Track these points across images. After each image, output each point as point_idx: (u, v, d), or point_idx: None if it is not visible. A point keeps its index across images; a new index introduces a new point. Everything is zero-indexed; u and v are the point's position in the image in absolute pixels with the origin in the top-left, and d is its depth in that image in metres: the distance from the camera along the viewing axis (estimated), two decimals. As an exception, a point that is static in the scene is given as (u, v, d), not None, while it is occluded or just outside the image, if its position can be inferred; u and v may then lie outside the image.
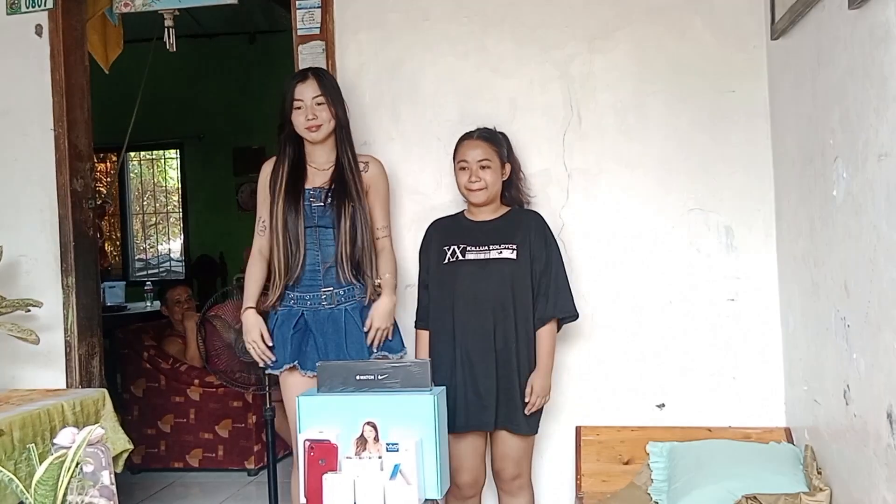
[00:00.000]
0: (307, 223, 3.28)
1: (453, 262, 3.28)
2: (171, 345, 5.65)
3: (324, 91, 3.28)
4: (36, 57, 4.02)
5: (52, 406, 3.12)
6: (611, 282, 3.62)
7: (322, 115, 3.27)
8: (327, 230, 3.28)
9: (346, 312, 3.27)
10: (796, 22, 2.98)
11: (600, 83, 3.64)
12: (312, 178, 3.34)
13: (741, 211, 3.54)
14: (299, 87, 3.29)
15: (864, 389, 2.43)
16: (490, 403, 3.19)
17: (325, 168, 3.35)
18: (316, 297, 3.28)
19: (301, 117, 3.28)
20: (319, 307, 3.28)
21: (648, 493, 3.26)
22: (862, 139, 2.34)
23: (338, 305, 3.27)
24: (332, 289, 3.26)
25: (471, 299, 3.22)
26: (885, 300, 2.21)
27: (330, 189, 3.29)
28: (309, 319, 3.28)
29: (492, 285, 3.22)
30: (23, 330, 3.59)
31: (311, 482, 2.74)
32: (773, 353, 3.49)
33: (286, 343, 3.28)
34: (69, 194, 3.99)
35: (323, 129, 3.29)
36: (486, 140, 3.32)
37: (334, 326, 3.27)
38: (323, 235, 3.28)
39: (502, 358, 3.20)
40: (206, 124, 9.16)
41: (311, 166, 3.36)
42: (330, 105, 3.28)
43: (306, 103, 3.27)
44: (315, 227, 3.28)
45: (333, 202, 3.27)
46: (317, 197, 3.30)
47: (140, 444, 5.41)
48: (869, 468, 2.40)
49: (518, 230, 3.29)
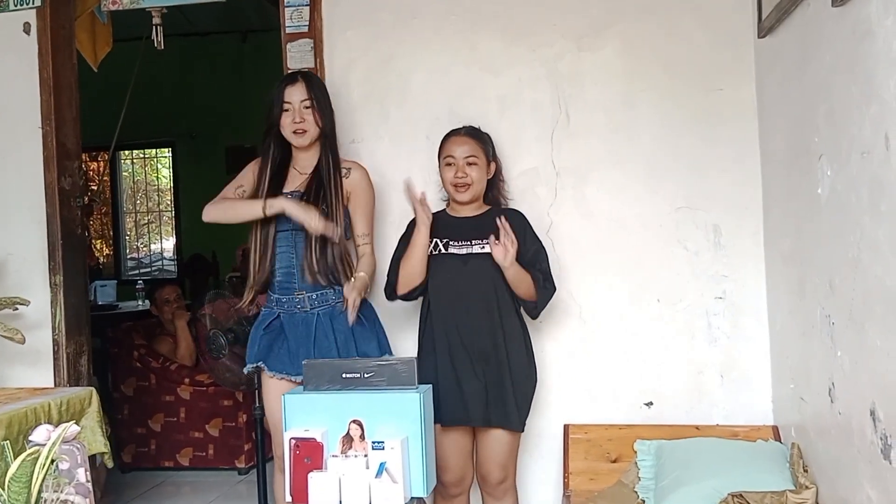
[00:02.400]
0: (280, 227, 3.28)
1: (435, 255, 3.28)
2: (161, 344, 5.63)
3: (312, 95, 3.28)
4: (24, 55, 4.00)
5: (38, 404, 3.10)
6: (599, 280, 3.62)
7: (309, 119, 3.28)
8: (299, 234, 3.27)
9: (318, 317, 3.28)
10: (783, 20, 2.98)
11: (589, 81, 3.64)
12: (292, 181, 3.35)
13: (729, 209, 3.54)
14: (288, 89, 3.29)
15: (849, 387, 2.43)
16: (474, 398, 3.18)
17: (306, 172, 3.35)
18: (291, 299, 3.29)
19: (288, 119, 3.28)
20: (294, 310, 3.29)
21: (636, 492, 3.26)
22: (846, 136, 2.34)
23: (312, 309, 3.27)
24: (305, 293, 3.27)
25: (452, 293, 3.22)
26: (869, 298, 2.21)
27: (306, 192, 3.29)
28: (285, 322, 3.30)
29: (473, 280, 3.22)
30: (9, 329, 3.58)
31: (296, 480, 2.74)
32: (760, 352, 3.49)
33: (254, 343, 3.32)
34: (57, 192, 3.98)
35: (309, 135, 3.29)
36: (474, 137, 3.32)
37: (306, 330, 3.27)
38: (298, 238, 3.28)
39: (487, 352, 3.20)
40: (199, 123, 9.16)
41: (294, 169, 3.37)
42: (316, 111, 3.28)
43: (294, 106, 3.27)
44: (290, 230, 3.27)
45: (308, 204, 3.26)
46: (292, 199, 3.29)
47: (130, 442, 5.42)
48: (854, 465, 2.40)
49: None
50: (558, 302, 3.53)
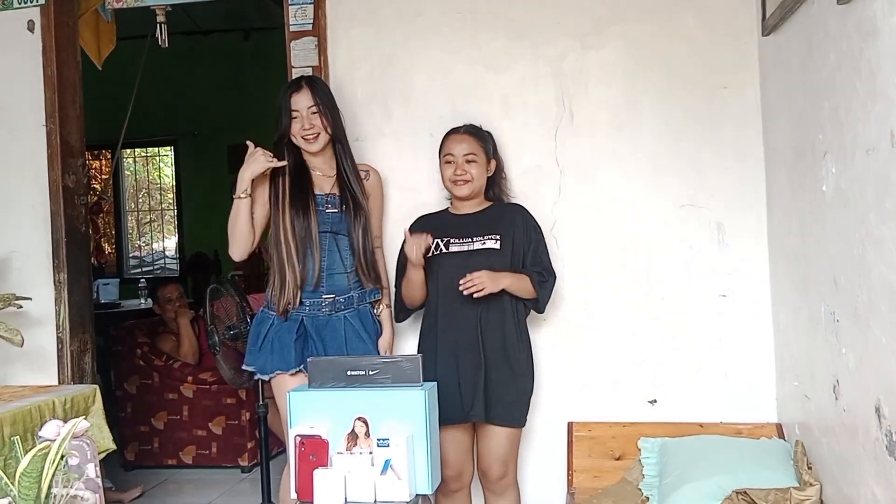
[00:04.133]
0: (322, 228, 3.26)
1: (437, 255, 3.29)
2: (164, 342, 5.64)
3: (318, 101, 3.28)
4: (28, 53, 4.01)
5: (42, 402, 3.11)
6: (602, 278, 3.63)
7: (318, 124, 3.28)
8: (341, 237, 3.28)
9: (345, 320, 3.28)
10: (787, 18, 2.98)
11: (592, 80, 3.64)
12: (320, 183, 3.34)
13: (732, 207, 3.54)
14: (294, 97, 3.29)
15: (854, 384, 2.43)
16: (475, 396, 3.19)
17: (329, 175, 3.35)
18: (317, 303, 3.27)
19: (297, 126, 3.28)
20: (318, 313, 3.27)
21: (640, 489, 3.27)
22: (850, 134, 2.34)
23: (336, 312, 3.27)
24: (333, 296, 3.26)
25: (453, 291, 3.22)
26: (873, 295, 2.21)
27: (342, 196, 3.30)
28: (308, 325, 3.28)
29: None
30: (9, 330, 3.57)
31: (301, 477, 2.75)
32: (764, 349, 3.50)
33: (289, 349, 3.26)
34: (61, 190, 3.98)
35: (321, 139, 3.29)
36: (473, 135, 3.35)
37: (333, 333, 3.27)
38: (335, 242, 3.28)
39: (489, 349, 3.21)
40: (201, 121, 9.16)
41: (316, 173, 3.35)
42: (323, 115, 3.28)
43: (302, 113, 3.28)
44: (329, 233, 3.27)
45: (350, 210, 3.28)
46: (332, 203, 3.30)
47: (133, 441, 5.43)
48: (858, 463, 2.40)
49: (501, 221, 3.31)
50: (562, 299, 3.54)
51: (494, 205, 3.40)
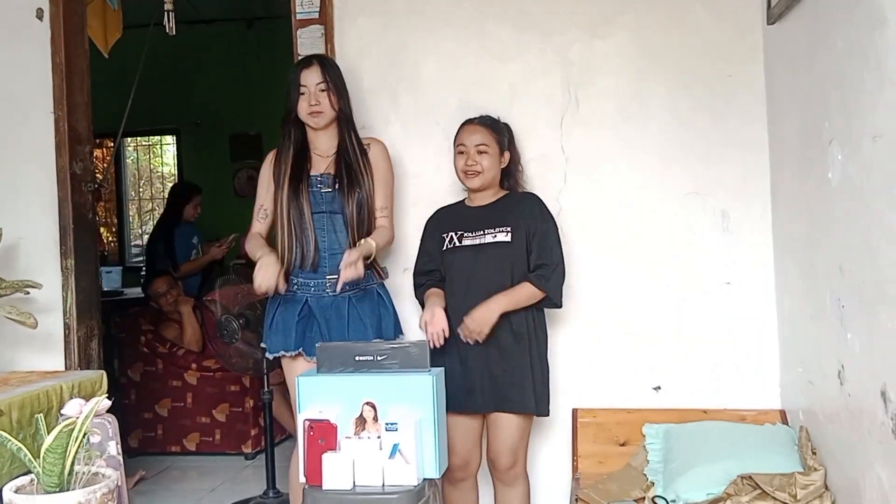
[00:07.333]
0: (315, 209, 3.29)
1: (451, 248, 3.30)
2: (168, 329, 5.66)
3: (327, 78, 3.30)
4: (37, 41, 4.01)
5: (50, 387, 3.13)
6: (608, 265, 3.65)
7: (324, 102, 3.29)
8: (336, 216, 3.29)
9: (350, 301, 3.29)
10: (792, 7, 3.00)
11: (600, 69, 3.66)
12: (317, 164, 3.35)
13: (738, 195, 3.56)
14: (304, 73, 3.31)
15: (859, 369, 2.46)
16: (484, 387, 3.19)
17: (328, 155, 3.36)
18: (320, 283, 3.29)
19: (304, 103, 3.30)
20: (323, 294, 3.29)
21: (644, 474, 3.28)
22: (857, 121, 2.36)
23: (341, 293, 3.27)
24: (336, 276, 3.26)
25: (466, 284, 3.23)
26: (880, 279, 2.24)
27: (337, 175, 3.31)
28: (312, 306, 3.30)
29: (487, 270, 3.22)
30: (21, 313, 3.59)
31: (310, 462, 2.76)
32: (768, 336, 3.52)
33: (290, 329, 3.28)
34: (69, 177, 3.99)
35: (325, 116, 3.30)
36: (486, 126, 3.32)
37: (337, 314, 3.28)
38: (331, 222, 3.30)
39: (502, 341, 3.19)
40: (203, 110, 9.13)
41: (315, 153, 3.37)
42: (332, 93, 3.29)
43: (310, 89, 3.29)
44: (323, 213, 3.29)
45: (343, 188, 3.28)
46: (324, 183, 3.31)
47: (137, 427, 5.45)
48: (864, 446, 2.43)
49: (512, 213, 3.29)
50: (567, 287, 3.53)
51: (507, 195, 3.38)
